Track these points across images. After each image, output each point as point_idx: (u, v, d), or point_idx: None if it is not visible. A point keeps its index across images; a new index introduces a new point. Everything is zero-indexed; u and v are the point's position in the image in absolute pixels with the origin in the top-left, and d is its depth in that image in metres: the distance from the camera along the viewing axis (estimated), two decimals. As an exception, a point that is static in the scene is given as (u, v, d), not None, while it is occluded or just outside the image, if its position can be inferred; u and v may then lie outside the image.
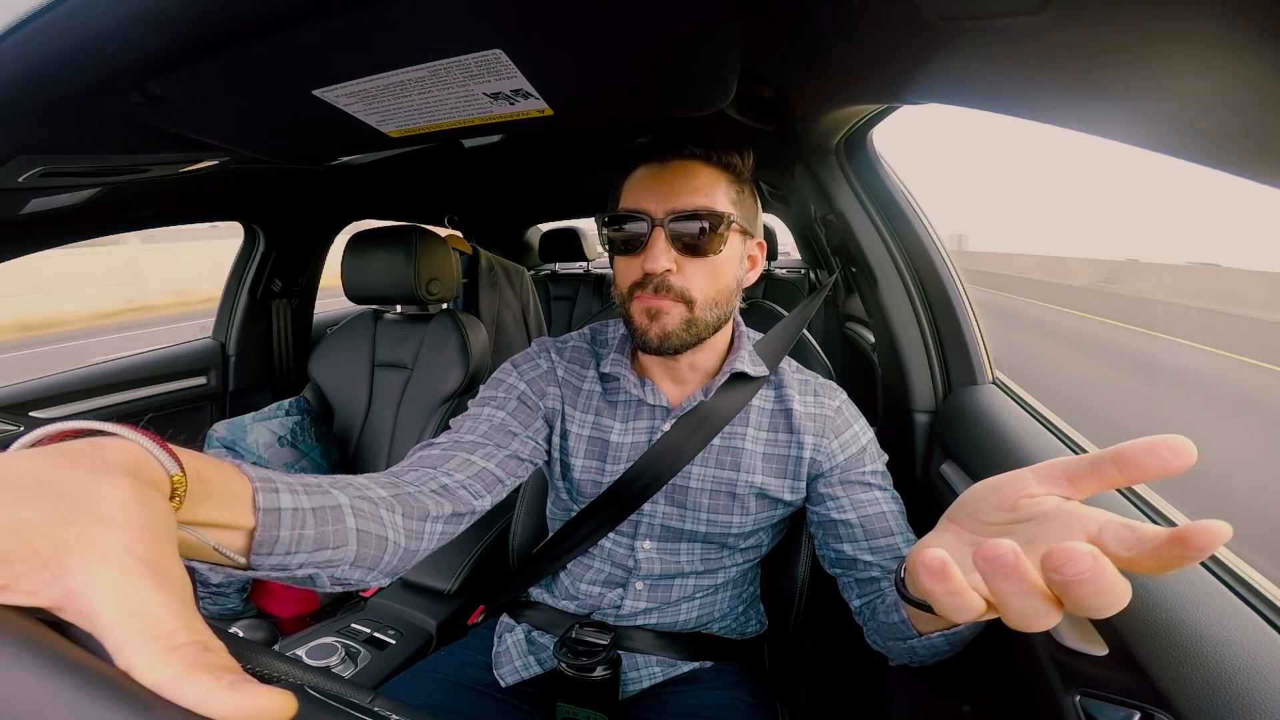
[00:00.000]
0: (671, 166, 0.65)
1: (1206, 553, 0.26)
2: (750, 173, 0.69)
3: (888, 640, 0.59)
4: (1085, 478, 0.33)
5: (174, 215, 1.38)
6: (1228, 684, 0.36)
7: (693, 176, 0.64)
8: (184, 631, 0.21)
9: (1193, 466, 0.29)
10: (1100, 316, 10.55)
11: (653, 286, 0.63)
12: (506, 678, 0.75)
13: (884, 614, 0.59)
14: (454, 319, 1.44)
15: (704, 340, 0.67)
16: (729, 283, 0.67)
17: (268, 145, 0.76)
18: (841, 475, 0.71)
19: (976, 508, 0.38)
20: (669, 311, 0.64)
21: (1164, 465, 0.29)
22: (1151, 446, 0.29)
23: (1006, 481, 0.36)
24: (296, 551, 0.42)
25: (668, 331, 0.64)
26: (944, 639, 0.53)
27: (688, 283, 0.63)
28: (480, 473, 0.64)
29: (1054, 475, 0.34)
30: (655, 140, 0.66)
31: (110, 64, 0.48)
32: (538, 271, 2.96)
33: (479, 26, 0.45)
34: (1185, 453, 0.29)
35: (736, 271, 0.68)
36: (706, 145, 0.65)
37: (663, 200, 0.63)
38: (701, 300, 0.64)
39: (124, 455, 0.27)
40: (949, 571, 0.30)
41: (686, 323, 0.64)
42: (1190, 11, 0.27)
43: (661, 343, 0.64)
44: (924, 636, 0.53)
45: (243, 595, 1.28)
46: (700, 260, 0.64)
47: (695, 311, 0.64)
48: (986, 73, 0.46)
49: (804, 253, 3.36)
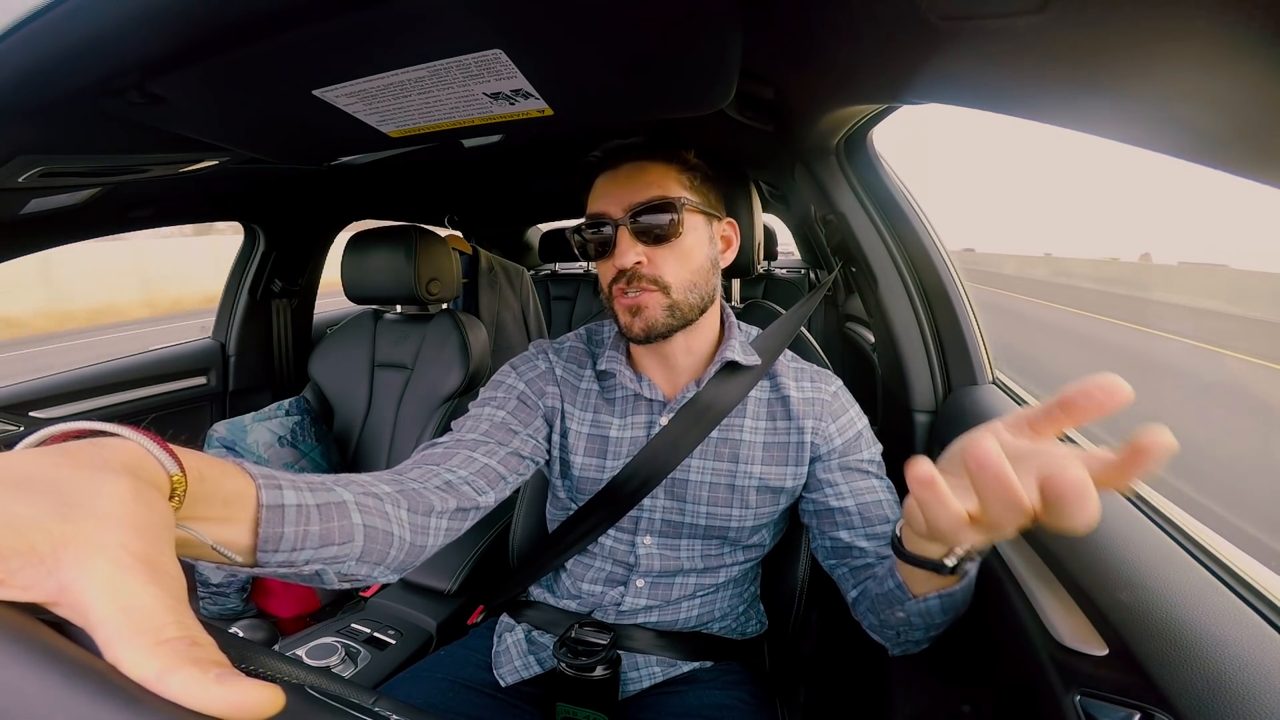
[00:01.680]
0: (622, 170, 0.70)
1: (1154, 457, 0.31)
2: (696, 158, 0.72)
3: (882, 613, 0.60)
4: (1042, 422, 0.38)
5: (174, 215, 1.38)
6: (1228, 684, 0.36)
7: (643, 173, 0.69)
8: (173, 626, 0.21)
9: (1127, 401, 0.33)
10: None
11: (626, 280, 0.67)
12: (506, 677, 0.75)
13: (876, 585, 0.60)
14: (454, 319, 1.44)
15: (691, 321, 0.70)
16: (701, 263, 0.70)
17: (268, 145, 0.77)
18: (840, 460, 0.72)
19: (960, 456, 0.40)
20: (648, 304, 0.67)
21: (1099, 404, 0.34)
22: (1085, 388, 0.34)
23: (981, 432, 0.40)
24: (302, 548, 0.42)
25: (651, 322, 0.67)
26: (938, 601, 0.53)
27: (659, 270, 0.67)
28: (483, 469, 0.65)
29: (1019, 423, 0.39)
30: (605, 151, 0.72)
31: (110, 64, 0.48)
32: (538, 271, 2.97)
33: (479, 26, 0.45)
34: (1117, 390, 0.33)
35: (708, 252, 0.71)
36: (650, 144, 0.70)
37: (619, 201, 0.68)
38: (677, 284, 0.68)
39: (124, 455, 0.28)
40: (935, 480, 0.36)
41: (669, 308, 0.68)
42: (1190, 11, 0.27)
43: (648, 333, 0.68)
44: (918, 599, 0.54)
45: (243, 595, 1.28)
46: (665, 247, 0.67)
47: (674, 296, 0.67)
48: (986, 73, 0.46)
49: (804, 253, 3.35)
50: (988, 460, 0.33)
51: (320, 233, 1.79)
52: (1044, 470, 0.33)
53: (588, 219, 0.71)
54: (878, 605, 0.60)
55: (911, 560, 0.50)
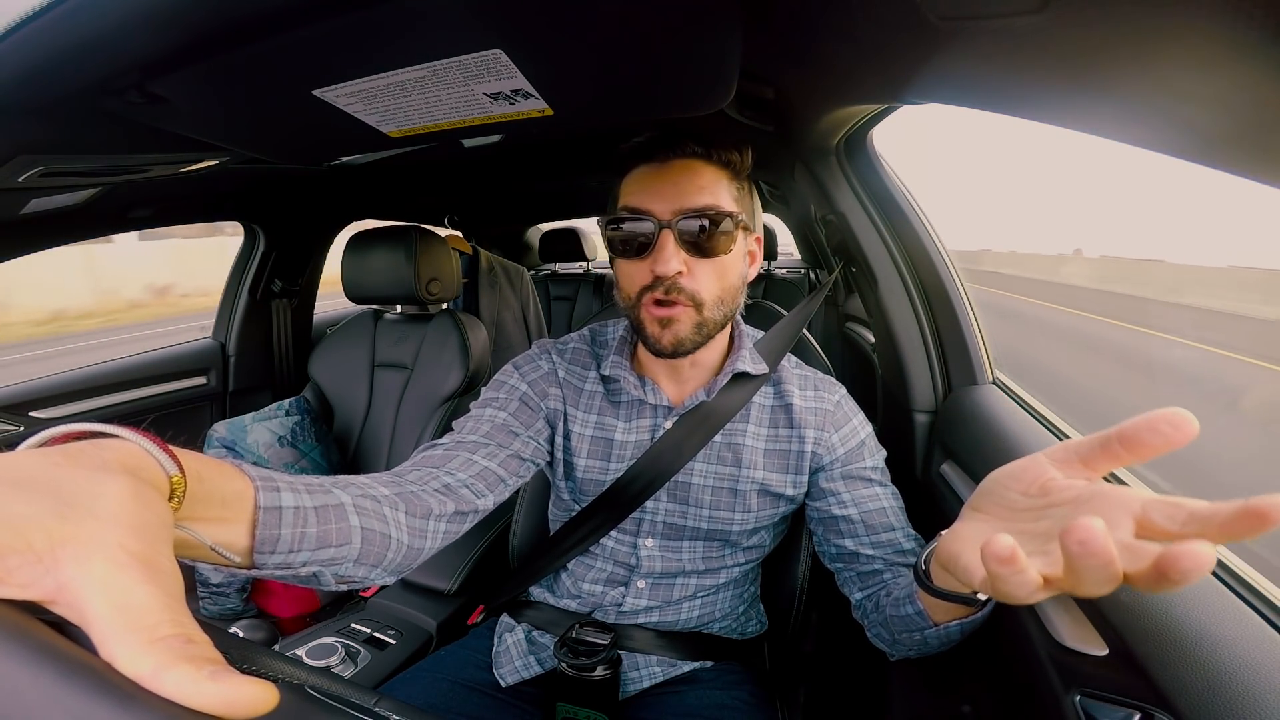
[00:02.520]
0: (673, 166, 0.63)
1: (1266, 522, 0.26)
2: (749, 169, 0.69)
3: (897, 633, 0.60)
4: (1097, 458, 0.34)
5: (174, 215, 1.38)
6: (1228, 684, 0.36)
7: (696, 175, 0.63)
8: (168, 624, 0.21)
9: (1194, 438, 0.29)
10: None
11: (663, 289, 0.62)
12: (506, 678, 0.75)
13: (892, 607, 0.60)
14: (454, 319, 1.44)
15: (712, 338, 0.67)
16: (735, 281, 0.66)
17: (268, 145, 0.77)
18: (843, 470, 0.71)
19: (1003, 496, 0.38)
20: (680, 318, 0.63)
21: (1165, 439, 0.30)
22: (1151, 422, 0.31)
23: (1024, 467, 0.37)
24: (299, 549, 0.42)
25: (680, 338, 0.63)
26: (959, 627, 0.53)
27: (697, 285, 0.63)
28: (482, 472, 0.64)
29: (1068, 458, 0.35)
30: (653, 139, 0.65)
31: (110, 64, 0.48)
32: (538, 271, 2.96)
33: (479, 26, 0.45)
34: (1184, 425, 0.30)
35: (741, 269, 0.68)
36: (706, 144, 0.64)
37: (668, 201, 0.62)
38: (710, 301, 0.64)
39: (124, 455, 0.28)
40: (1017, 556, 0.30)
41: (697, 325, 0.64)
42: (1190, 11, 0.27)
43: (675, 349, 0.64)
44: (939, 627, 0.54)
45: (243, 595, 1.28)
46: (709, 261, 0.63)
47: (705, 313, 0.64)
48: (986, 73, 0.46)
49: (804, 253, 3.35)
50: (1093, 543, 0.27)
51: (320, 233, 1.79)
52: (1146, 536, 0.29)
53: (626, 211, 0.63)
54: (893, 625, 0.60)
55: (940, 595, 0.48)
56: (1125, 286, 13.84)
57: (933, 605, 0.54)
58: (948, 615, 0.53)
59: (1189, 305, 11.44)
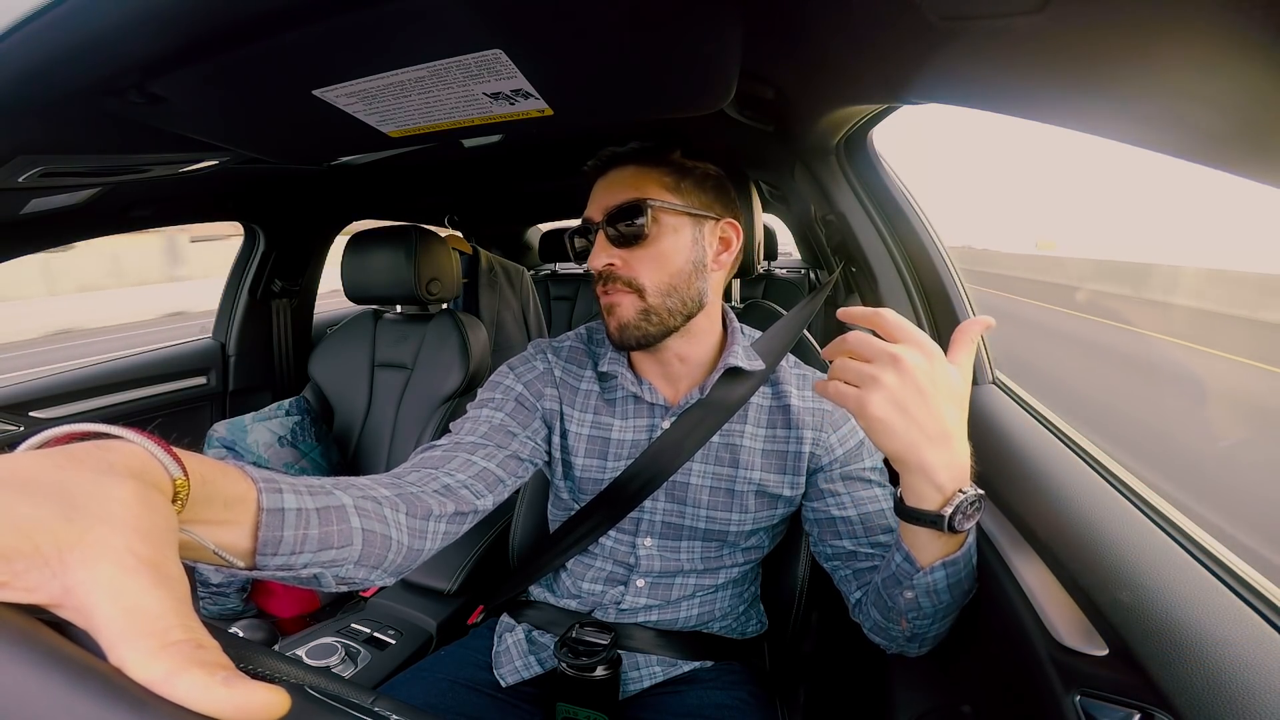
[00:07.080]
0: (609, 175, 0.71)
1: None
2: (691, 159, 0.72)
3: (890, 598, 0.59)
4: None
5: (174, 215, 1.38)
6: (1228, 684, 0.36)
7: (625, 177, 0.69)
8: (179, 629, 0.21)
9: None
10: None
11: (602, 281, 0.68)
12: (507, 677, 0.75)
13: (884, 570, 0.60)
14: (454, 319, 1.44)
15: (675, 329, 0.69)
16: (680, 266, 0.68)
17: (268, 145, 0.77)
18: (842, 470, 0.71)
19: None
20: (621, 303, 0.67)
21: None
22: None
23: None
24: (301, 551, 0.43)
25: (624, 322, 0.68)
26: (944, 574, 0.54)
27: (634, 272, 0.67)
28: (481, 472, 0.65)
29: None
30: (596, 158, 0.73)
31: (110, 64, 0.48)
32: (538, 271, 2.96)
33: (479, 26, 0.45)
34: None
35: (689, 255, 0.69)
36: (635, 149, 0.71)
37: (600, 205, 0.69)
38: (652, 287, 0.67)
39: (128, 458, 0.28)
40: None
41: (643, 312, 0.67)
42: (1190, 11, 0.27)
43: (621, 334, 0.68)
44: (925, 570, 0.54)
45: (243, 595, 1.28)
46: (640, 249, 0.67)
47: (649, 299, 0.67)
48: (986, 73, 0.46)
49: (804, 253, 3.36)
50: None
51: (320, 233, 1.79)
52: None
53: (577, 227, 0.73)
54: (885, 592, 0.60)
55: (912, 515, 0.51)
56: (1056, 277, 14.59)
57: (914, 540, 0.55)
58: (929, 553, 0.54)
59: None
